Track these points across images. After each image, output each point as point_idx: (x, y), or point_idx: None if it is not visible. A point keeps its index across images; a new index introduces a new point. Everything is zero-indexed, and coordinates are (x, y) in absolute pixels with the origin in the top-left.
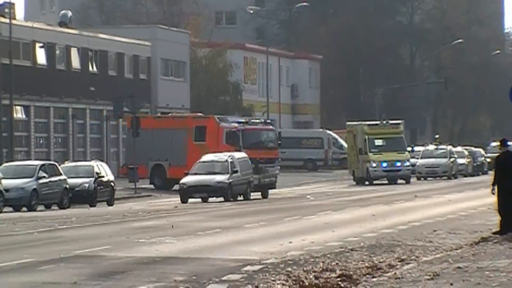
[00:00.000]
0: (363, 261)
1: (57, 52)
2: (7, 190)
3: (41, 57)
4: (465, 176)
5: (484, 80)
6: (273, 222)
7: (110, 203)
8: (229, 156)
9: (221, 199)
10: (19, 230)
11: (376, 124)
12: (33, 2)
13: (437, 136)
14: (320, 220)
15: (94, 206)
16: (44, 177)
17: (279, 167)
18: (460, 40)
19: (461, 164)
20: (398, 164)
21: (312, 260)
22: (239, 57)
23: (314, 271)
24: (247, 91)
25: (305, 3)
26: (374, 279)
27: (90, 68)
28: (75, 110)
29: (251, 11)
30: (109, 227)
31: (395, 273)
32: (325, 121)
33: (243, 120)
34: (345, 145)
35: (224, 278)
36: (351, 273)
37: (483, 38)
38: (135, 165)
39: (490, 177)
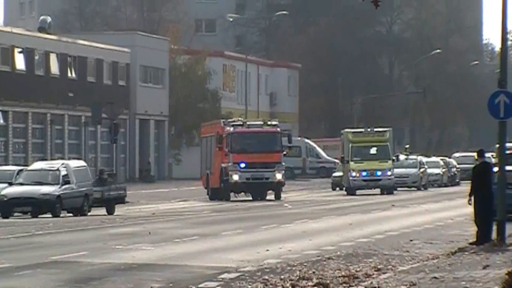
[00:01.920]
0: (340, 270)
1: (36, 57)
2: None
3: (20, 62)
4: (440, 186)
5: (462, 91)
6: (250, 230)
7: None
8: (61, 164)
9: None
10: None
11: (361, 132)
12: (12, 7)
13: (407, 145)
14: (297, 229)
15: None
16: None
17: (282, 172)
18: (438, 50)
19: (436, 174)
20: (379, 173)
21: (289, 268)
22: (218, 65)
23: (291, 280)
24: (225, 99)
25: (284, 12)
26: None
27: (69, 74)
28: (54, 115)
29: (231, 19)
30: (86, 233)
31: (371, 282)
32: (304, 129)
33: (238, 122)
34: (322, 153)
35: (201, 285)
36: (328, 282)
37: (461, 49)
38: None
39: (463, 187)
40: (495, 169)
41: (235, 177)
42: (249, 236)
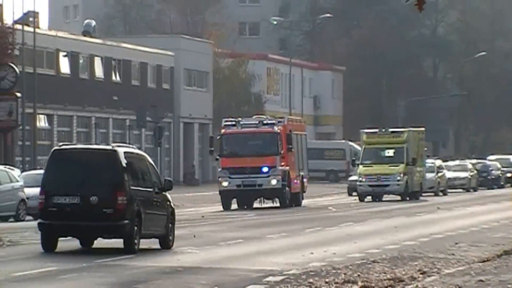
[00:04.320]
0: (385, 273)
1: (81, 61)
2: (27, 199)
3: (64, 66)
4: (468, 190)
5: (507, 93)
6: (295, 233)
7: None
8: None
9: None
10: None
11: (375, 132)
12: (57, 11)
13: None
14: (342, 232)
15: None
16: None
17: (278, 177)
18: (483, 53)
19: (463, 177)
20: (387, 178)
21: (333, 271)
22: (261, 68)
23: (336, 283)
24: (269, 102)
25: (328, 14)
26: None
27: (113, 78)
28: (98, 119)
29: (275, 22)
30: None
31: (417, 285)
32: (348, 132)
33: (231, 122)
34: None
35: None
36: (373, 285)
37: (506, 51)
38: None
39: (509, 190)
40: None
41: (225, 184)
42: (293, 239)
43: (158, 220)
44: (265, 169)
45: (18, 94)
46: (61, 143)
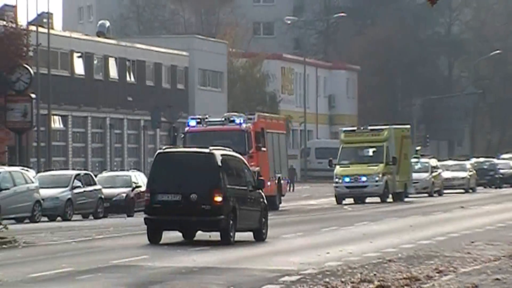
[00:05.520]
0: (401, 272)
1: (95, 62)
2: (43, 200)
3: (79, 67)
4: (466, 191)
5: None
6: (311, 232)
7: None
8: None
9: None
10: (57, 239)
11: (353, 131)
12: (71, 12)
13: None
14: (358, 231)
15: (132, 216)
16: (79, 187)
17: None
18: (498, 51)
19: (462, 178)
20: (364, 179)
21: (350, 271)
22: (276, 68)
23: (352, 282)
24: (284, 102)
25: (342, 14)
26: None
27: (128, 78)
28: (113, 120)
29: (289, 22)
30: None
31: (433, 285)
32: None
33: (195, 120)
34: None
35: None
36: (389, 284)
37: None
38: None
39: None
40: None
41: None
42: (309, 239)
43: (252, 215)
44: None
45: (33, 95)
46: (164, 147)
